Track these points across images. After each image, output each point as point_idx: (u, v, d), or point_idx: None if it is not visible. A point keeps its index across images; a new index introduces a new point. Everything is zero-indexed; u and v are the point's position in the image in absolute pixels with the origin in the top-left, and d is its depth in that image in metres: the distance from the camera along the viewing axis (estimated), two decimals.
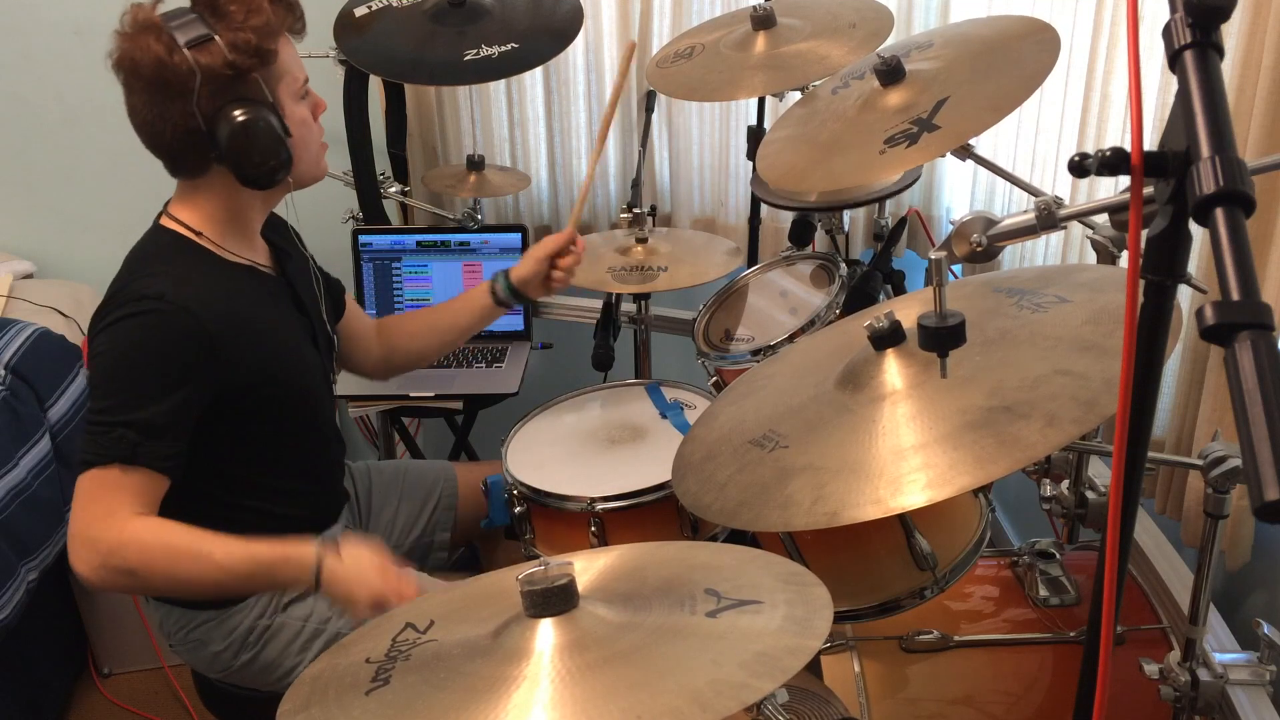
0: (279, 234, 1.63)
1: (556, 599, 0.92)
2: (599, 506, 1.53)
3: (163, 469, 1.34)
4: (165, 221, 1.46)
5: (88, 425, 1.34)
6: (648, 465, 1.59)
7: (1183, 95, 0.65)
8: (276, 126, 1.39)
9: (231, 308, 1.42)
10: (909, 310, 1.11)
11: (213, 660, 1.55)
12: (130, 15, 1.36)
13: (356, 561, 1.34)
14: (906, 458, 1.00)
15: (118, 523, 1.29)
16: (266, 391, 1.46)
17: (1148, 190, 0.74)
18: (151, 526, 1.32)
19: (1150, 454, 0.86)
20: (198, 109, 1.34)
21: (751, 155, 2.27)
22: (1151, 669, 1.24)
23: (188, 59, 1.32)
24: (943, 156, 1.64)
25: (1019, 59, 1.33)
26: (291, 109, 1.43)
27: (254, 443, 1.49)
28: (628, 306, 2.24)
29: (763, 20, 1.85)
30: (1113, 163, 0.71)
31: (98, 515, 1.30)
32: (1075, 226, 1.85)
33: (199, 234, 1.45)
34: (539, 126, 2.56)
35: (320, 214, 2.46)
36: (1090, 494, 1.46)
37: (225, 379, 1.39)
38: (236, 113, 1.35)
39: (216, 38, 1.33)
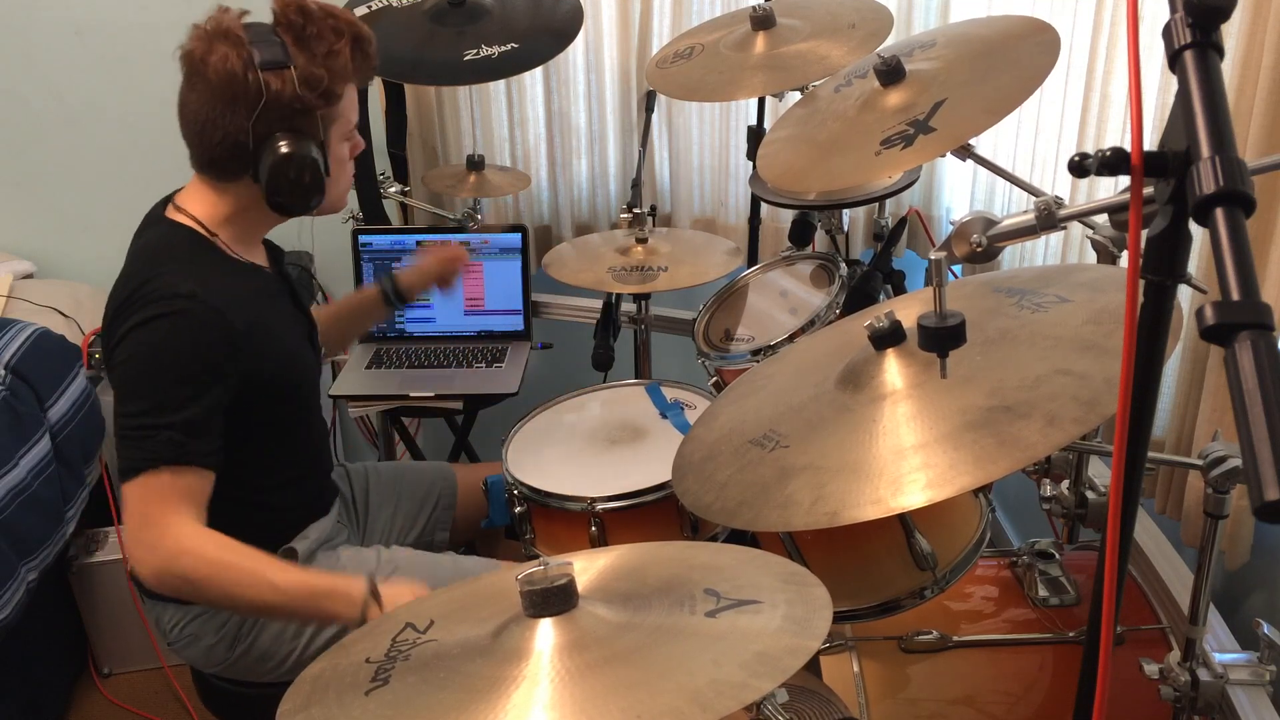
0: None
1: (556, 599, 0.92)
2: (599, 506, 1.53)
3: (210, 465, 1.36)
4: (176, 215, 1.46)
5: (128, 431, 1.34)
6: (648, 465, 1.59)
7: (1183, 95, 0.65)
8: (320, 165, 1.41)
9: (249, 306, 1.43)
10: (909, 310, 1.11)
11: (209, 654, 1.55)
12: (215, 17, 1.37)
13: (400, 601, 1.32)
14: (906, 458, 1.00)
15: (175, 530, 1.31)
16: (274, 388, 1.48)
17: (1148, 190, 0.74)
18: (212, 541, 1.33)
19: (1150, 454, 0.86)
20: (252, 128, 1.36)
21: (751, 155, 2.28)
22: (1151, 669, 1.24)
23: (259, 79, 1.34)
24: (942, 157, 1.65)
25: (1018, 60, 1.33)
26: (335, 148, 1.46)
27: (254, 437, 1.49)
28: (628, 306, 2.24)
29: (762, 20, 1.85)
30: (1113, 163, 0.71)
31: (154, 521, 1.32)
32: (1075, 226, 1.85)
33: (214, 234, 1.46)
34: (539, 126, 2.56)
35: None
36: (1090, 494, 1.46)
37: (244, 378, 1.40)
38: (284, 144, 1.37)
39: (292, 67, 1.35)
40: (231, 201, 1.46)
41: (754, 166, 1.85)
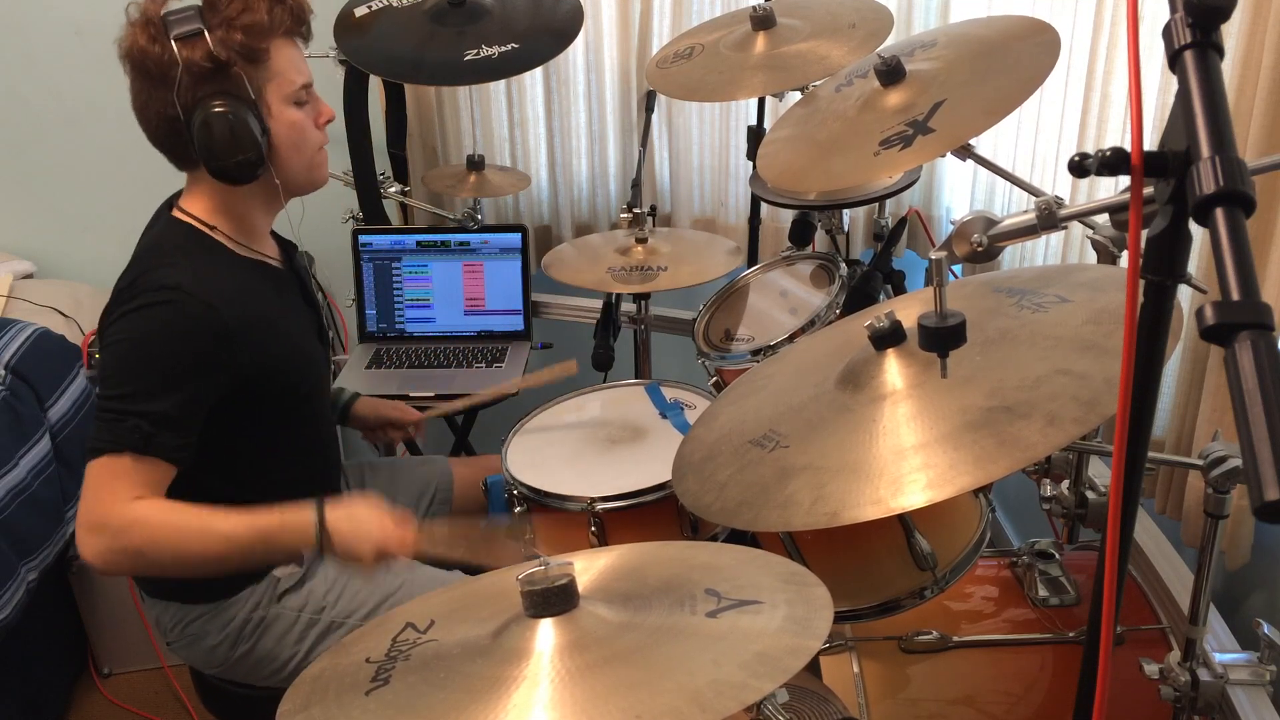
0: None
1: (556, 599, 0.92)
2: (599, 506, 1.53)
3: (174, 459, 1.36)
4: (177, 214, 1.47)
5: (100, 411, 1.35)
6: (648, 465, 1.59)
7: (1183, 95, 0.65)
8: (251, 123, 1.39)
9: (246, 302, 1.43)
10: (909, 310, 1.11)
11: (210, 654, 1.55)
12: (140, 5, 1.40)
13: (353, 517, 1.36)
14: (907, 458, 0.99)
15: (124, 507, 1.32)
16: (274, 386, 1.47)
17: (1148, 190, 0.74)
18: (156, 506, 1.34)
19: (1150, 454, 0.86)
20: (177, 100, 1.37)
21: (751, 155, 2.28)
22: (1151, 669, 1.24)
23: (171, 50, 1.35)
24: (942, 157, 1.65)
25: (1018, 61, 1.32)
26: (279, 110, 1.44)
27: (256, 436, 1.49)
28: (628, 306, 2.24)
29: (763, 20, 1.85)
30: (1113, 163, 0.71)
31: (105, 500, 1.32)
32: (1075, 226, 1.85)
33: (212, 228, 1.46)
34: (539, 126, 2.56)
35: (320, 214, 2.47)
36: (1090, 494, 1.46)
37: (238, 373, 1.40)
38: (211, 105, 1.38)
39: (206, 33, 1.36)
40: (211, 191, 1.46)
41: (754, 166, 1.85)
